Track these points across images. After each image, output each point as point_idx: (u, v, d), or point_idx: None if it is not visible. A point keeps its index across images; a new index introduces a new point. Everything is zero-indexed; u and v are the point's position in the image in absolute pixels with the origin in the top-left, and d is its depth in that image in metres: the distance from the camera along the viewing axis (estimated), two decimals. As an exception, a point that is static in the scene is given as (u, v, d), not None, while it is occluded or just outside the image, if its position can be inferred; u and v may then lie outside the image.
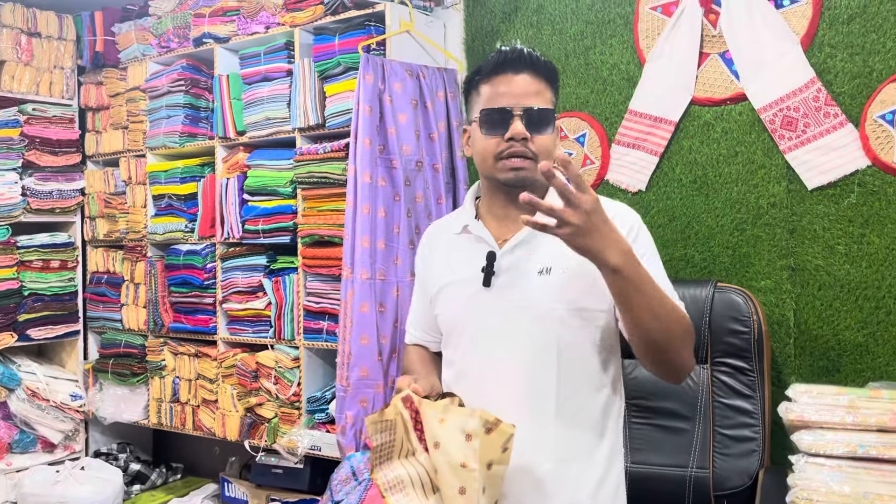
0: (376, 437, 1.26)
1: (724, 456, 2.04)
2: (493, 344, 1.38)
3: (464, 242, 1.47)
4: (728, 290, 2.14)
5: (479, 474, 1.18)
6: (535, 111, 1.34)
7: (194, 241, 3.15)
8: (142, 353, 3.33)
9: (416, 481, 1.26)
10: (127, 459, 3.50)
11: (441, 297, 1.50)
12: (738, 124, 2.28)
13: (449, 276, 1.48)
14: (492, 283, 1.38)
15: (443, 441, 1.22)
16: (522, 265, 1.38)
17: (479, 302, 1.40)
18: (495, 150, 1.36)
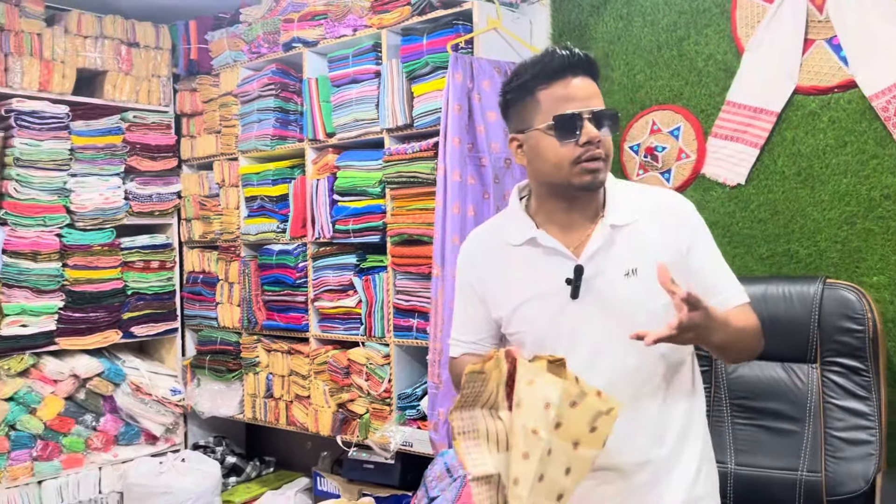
0: (468, 386, 1.21)
1: (838, 459, 1.95)
2: (591, 355, 1.34)
3: (532, 255, 1.40)
4: (838, 287, 2.05)
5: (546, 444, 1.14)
6: (603, 113, 1.33)
7: (286, 241, 3.23)
8: (236, 350, 3.44)
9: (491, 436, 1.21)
10: (223, 452, 3.62)
11: (521, 314, 1.42)
12: (846, 113, 2.18)
13: (526, 293, 1.40)
14: (579, 294, 1.35)
15: (524, 403, 1.18)
16: (607, 271, 1.35)
17: (569, 315, 1.36)
18: (572, 155, 1.32)
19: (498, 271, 1.45)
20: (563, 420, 1.15)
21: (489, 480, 1.19)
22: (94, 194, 3.33)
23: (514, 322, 1.43)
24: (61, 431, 3.22)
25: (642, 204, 1.40)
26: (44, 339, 3.20)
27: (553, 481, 1.15)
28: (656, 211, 1.39)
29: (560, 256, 1.37)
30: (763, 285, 2.15)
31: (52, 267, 3.20)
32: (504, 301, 1.44)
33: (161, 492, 3.17)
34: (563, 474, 1.16)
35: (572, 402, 1.16)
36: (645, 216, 1.38)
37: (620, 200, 1.39)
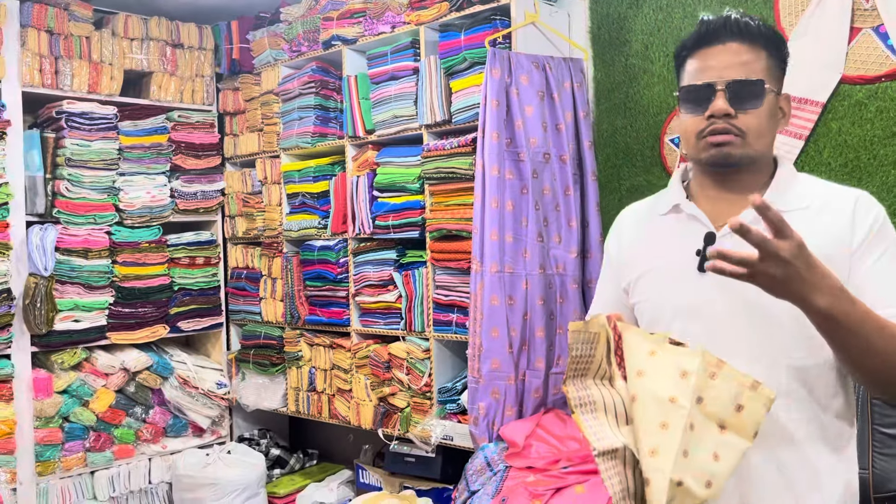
0: (576, 347, 1.12)
1: (886, 456, 1.91)
2: (712, 337, 1.21)
3: (672, 223, 1.32)
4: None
5: (688, 412, 1.03)
6: (739, 84, 1.20)
7: (327, 237, 3.28)
8: (280, 345, 3.50)
9: (609, 408, 1.13)
10: (268, 445, 3.69)
11: (644, 282, 1.34)
12: (894, 102, 2.12)
13: (655, 260, 1.32)
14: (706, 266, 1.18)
15: (649, 372, 1.08)
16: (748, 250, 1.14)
17: (692, 289, 1.25)
18: (696, 128, 1.23)
19: (638, 238, 1.39)
20: (703, 394, 1.06)
21: (615, 455, 1.10)
22: (142, 192, 3.42)
23: (638, 290, 1.36)
24: (113, 423, 3.33)
25: (816, 194, 1.26)
26: (95, 333, 3.31)
27: (700, 463, 1.04)
28: (832, 203, 1.23)
29: (700, 226, 1.27)
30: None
31: (102, 263, 3.30)
32: (634, 266, 1.37)
33: (208, 483, 3.25)
34: (710, 459, 1.05)
35: (712, 372, 1.07)
36: (815, 206, 1.23)
37: (790, 185, 1.26)
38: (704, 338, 1.20)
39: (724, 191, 1.28)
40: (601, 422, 1.12)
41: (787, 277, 1.01)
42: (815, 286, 1.03)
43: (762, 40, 1.23)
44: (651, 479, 1.03)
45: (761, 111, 1.21)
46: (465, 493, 2.41)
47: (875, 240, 1.19)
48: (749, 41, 1.22)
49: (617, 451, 1.10)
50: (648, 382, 1.08)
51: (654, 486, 1.02)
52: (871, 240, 1.19)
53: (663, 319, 1.29)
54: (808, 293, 1.03)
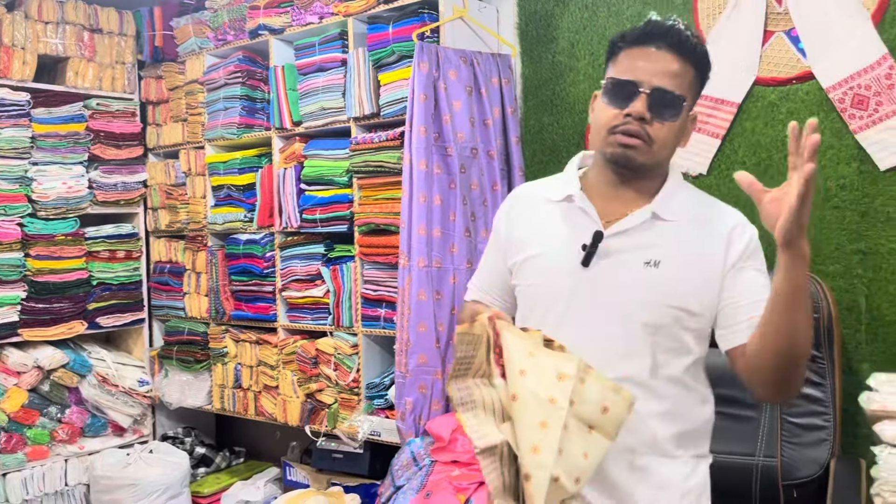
0: (461, 349, 1.17)
1: (793, 445, 1.99)
2: (582, 331, 1.27)
3: (563, 213, 1.35)
4: (795, 276, 2.09)
5: (566, 413, 1.09)
6: (663, 93, 1.23)
7: (253, 230, 3.21)
8: (204, 341, 3.42)
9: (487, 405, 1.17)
10: (192, 443, 3.60)
11: (528, 266, 1.38)
12: (804, 104, 2.21)
13: (541, 246, 1.36)
14: (591, 264, 1.28)
15: (530, 372, 1.13)
16: (629, 252, 1.27)
17: (574, 282, 1.30)
18: (611, 122, 1.26)
19: (527, 221, 1.41)
20: (575, 397, 1.12)
21: (494, 451, 1.14)
22: (57, 183, 3.28)
23: (523, 273, 1.39)
24: (25, 423, 3.18)
25: (699, 210, 1.33)
26: (6, 330, 3.16)
27: (572, 460, 1.11)
28: (711, 220, 1.31)
29: (588, 221, 1.32)
30: (723, 274, 2.18)
31: (14, 257, 3.15)
32: (521, 248, 1.40)
33: (127, 483, 3.15)
34: (581, 457, 1.12)
35: (581, 377, 1.13)
36: (695, 220, 1.30)
37: (675, 196, 1.32)
38: (577, 330, 1.26)
39: (618, 189, 1.32)
40: (481, 420, 1.15)
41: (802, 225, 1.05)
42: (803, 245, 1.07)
43: (694, 58, 1.27)
44: (532, 475, 1.07)
45: (674, 125, 1.26)
46: (391, 488, 2.40)
47: (750, 260, 1.27)
48: (683, 55, 1.26)
49: (495, 448, 1.13)
50: (530, 382, 1.12)
51: (535, 481, 1.07)
52: (745, 259, 1.27)
53: (542, 306, 1.34)
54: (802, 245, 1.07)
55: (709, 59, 1.30)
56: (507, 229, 1.45)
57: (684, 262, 1.25)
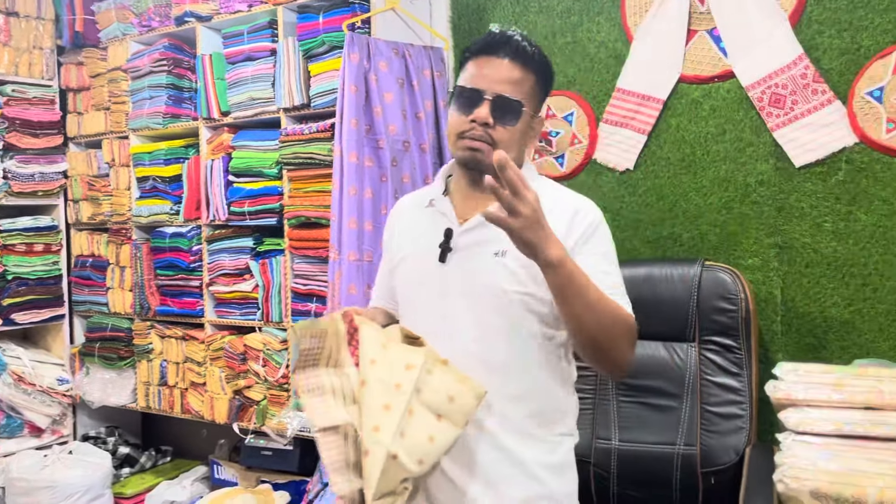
0: (304, 342, 1.26)
1: (712, 433, 2.05)
2: (442, 320, 1.38)
3: (428, 216, 1.47)
4: (716, 269, 2.15)
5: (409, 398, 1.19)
6: (503, 99, 1.33)
7: (180, 223, 3.12)
8: (129, 337, 3.31)
9: (337, 390, 1.27)
10: (115, 443, 3.48)
11: (400, 268, 1.49)
12: (725, 102, 2.27)
13: (409, 249, 1.48)
14: (447, 259, 1.39)
15: (380, 361, 1.24)
16: (480, 245, 1.38)
17: (433, 277, 1.41)
18: (459, 128, 1.36)
19: (403, 227, 1.53)
20: (422, 386, 1.21)
21: (337, 430, 1.22)
22: (-31, 173, 3.12)
23: (397, 274, 1.50)
24: (-67, 425, 3.03)
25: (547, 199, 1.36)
26: (-88, 327, 2.99)
27: (415, 443, 1.19)
28: (557, 209, 1.37)
29: (446, 221, 1.42)
30: (648, 267, 2.22)
31: (-79, 250, 2.99)
32: (396, 253, 1.51)
33: (45, 486, 3.02)
34: (426, 441, 1.20)
35: (429, 369, 1.23)
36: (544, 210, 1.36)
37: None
38: (437, 321, 1.37)
39: (474, 190, 1.41)
40: (328, 404, 1.24)
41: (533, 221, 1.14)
42: (549, 237, 1.17)
43: (534, 65, 1.37)
44: (370, 451, 1.16)
45: (515, 128, 1.35)
46: (319, 484, 2.37)
47: (589, 241, 1.35)
48: (522, 63, 1.36)
49: (339, 427, 1.23)
50: (378, 370, 1.23)
51: (372, 456, 1.16)
52: (585, 241, 1.35)
53: (414, 303, 1.45)
54: (544, 242, 1.16)
55: (550, 68, 1.41)
56: (389, 237, 1.57)
57: None
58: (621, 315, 1.28)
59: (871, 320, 2.08)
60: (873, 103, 2.05)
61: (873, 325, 2.08)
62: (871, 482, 0.99)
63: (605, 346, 1.26)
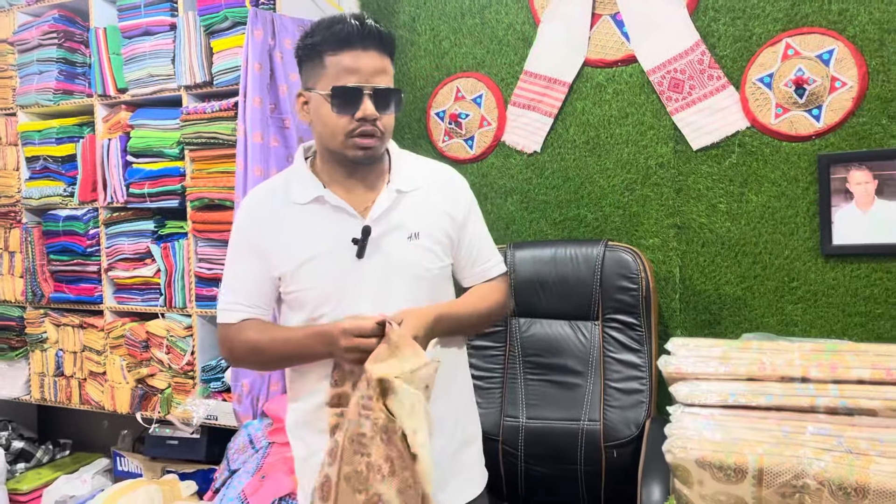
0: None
1: (614, 408, 2.11)
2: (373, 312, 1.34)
3: (318, 213, 1.40)
4: (618, 249, 2.21)
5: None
6: (384, 91, 1.35)
7: (75, 205, 2.96)
8: (20, 326, 3.13)
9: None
10: (9, 437, 3.30)
11: (305, 271, 1.40)
12: (628, 86, 2.32)
13: (312, 250, 1.39)
14: (364, 254, 1.38)
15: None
16: (392, 233, 1.41)
17: (355, 274, 1.38)
18: (346, 128, 1.34)
19: (281, 228, 1.42)
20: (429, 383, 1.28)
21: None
22: None
23: (298, 279, 1.41)
24: None
25: (425, 173, 1.49)
26: None
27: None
28: (438, 181, 1.49)
29: (346, 216, 1.39)
30: (553, 248, 2.26)
31: None
32: (287, 258, 1.41)
33: (-71, 486, 2.84)
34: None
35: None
36: (427, 185, 1.47)
37: (405, 168, 1.47)
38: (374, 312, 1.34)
39: (357, 180, 1.42)
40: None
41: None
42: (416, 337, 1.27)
43: (390, 50, 1.39)
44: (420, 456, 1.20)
45: (394, 115, 1.40)
46: (226, 472, 2.32)
47: (471, 210, 1.51)
48: (385, 51, 1.37)
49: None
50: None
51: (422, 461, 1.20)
52: (469, 211, 1.50)
53: (330, 303, 1.40)
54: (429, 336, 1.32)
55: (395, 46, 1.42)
56: (260, 239, 1.43)
57: (437, 225, 1.44)
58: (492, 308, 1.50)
59: (761, 297, 2.18)
60: (763, 89, 2.14)
61: (763, 301, 2.18)
62: (752, 449, 1.04)
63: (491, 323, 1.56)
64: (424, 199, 1.45)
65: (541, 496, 2.14)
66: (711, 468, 1.05)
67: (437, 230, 1.45)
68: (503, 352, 2.28)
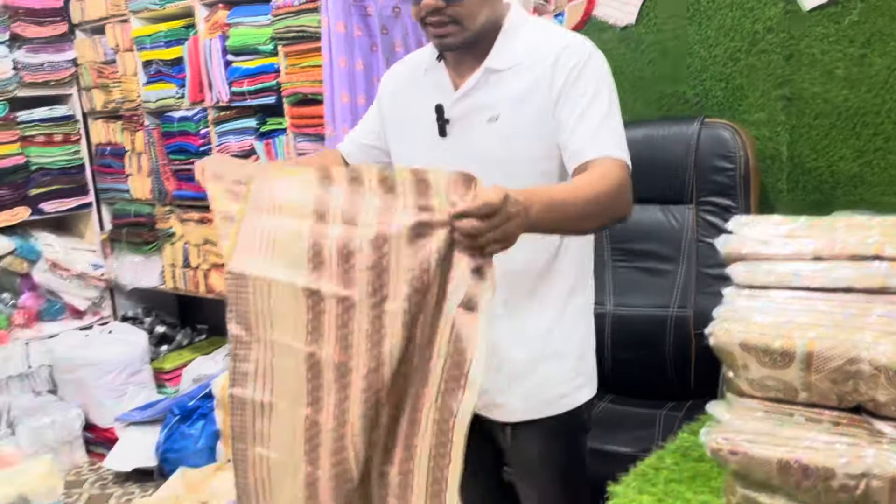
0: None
1: (707, 295, 2.01)
2: None
3: (425, 85, 1.40)
4: (715, 126, 2.03)
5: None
6: None
7: (186, 107, 3.11)
8: (151, 222, 3.40)
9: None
10: (153, 322, 3.67)
11: (399, 138, 1.45)
12: (731, -59, 2.07)
13: (408, 119, 1.42)
14: (447, 131, 1.35)
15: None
16: (473, 113, 1.33)
17: (434, 151, 1.36)
18: (418, 15, 1.29)
19: (401, 92, 1.46)
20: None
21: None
22: (-22, 66, 3.16)
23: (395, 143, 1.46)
24: (-20, 310, 3.23)
25: (533, 47, 1.32)
26: (-53, 219, 3.13)
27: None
28: (542, 55, 1.30)
29: (441, 93, 1.36)
30: (646, 129, 2.12)
31: (-56, 145, 3.08)
32: (393, 122, 1.46)
33: (88, 363, 3.23)
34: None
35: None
36: (528, 61, 1.31)
37: (509, 44, 1.33)
38: None
39: (462, 56, 1.34)
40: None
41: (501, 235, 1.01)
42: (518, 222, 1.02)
43: None
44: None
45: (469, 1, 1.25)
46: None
47: (575, 84, 1.26)
48: None
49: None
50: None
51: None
52: (569, 85, 1.26)
53: None
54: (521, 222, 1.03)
55: None
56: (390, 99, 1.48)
57: (520, 107, 1.29)
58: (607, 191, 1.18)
59: (882, 172, 1.95)
60: (895, -70, 1.83)
61: (883, 177, 1.95)
62: (802, 333, 0.95)
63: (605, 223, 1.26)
64: (517, 78, 1.30)
65: (627, 382, 2.11)
66: (756, 352, 0.98)
67: (521, 114, 1.30)
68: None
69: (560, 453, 1.41)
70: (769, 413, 1.00)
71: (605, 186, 1.18)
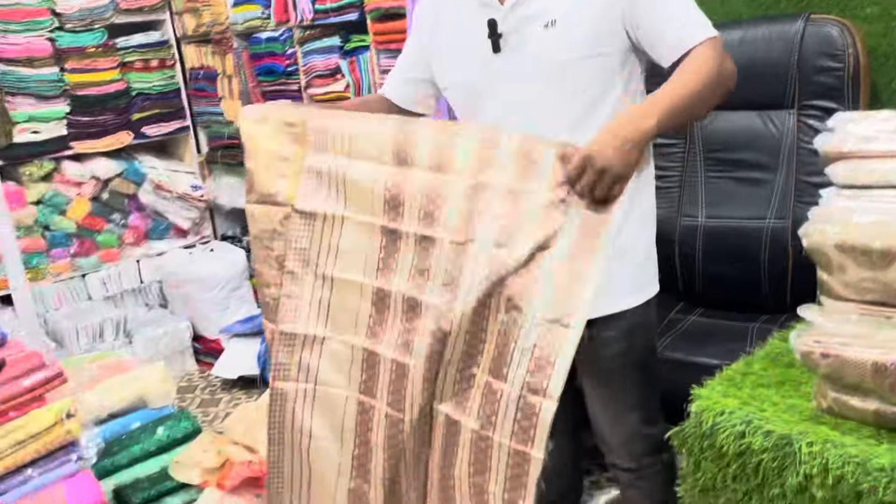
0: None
1: (806, 204, 1.89)
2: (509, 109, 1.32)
3: (470, 4, 1.35)
4: (821, 23, 1.89)
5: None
6: None
7: (272, 27, 3.14)
8: (244, 143, 3.49)
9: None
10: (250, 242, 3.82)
11: (448, 65, 1.41)
12: None
13: (456, 42, 1.39)
14: (500, 46, 1.32)
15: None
16: (528, 22, 1.30)
17: (491, 68, 1.34)
18: None
19: (446, 16, 1.42)
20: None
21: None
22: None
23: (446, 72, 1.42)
24: (94, 230, 3.45)
25: None
26: (58, 144, 3.32)
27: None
28: None
29: (487, 7, 1.33)
30: (743, 29, 1.99)
31: (51, 72, 3.24)
32: (438, 48, 1.43)
33: (193, 279, 3.43)
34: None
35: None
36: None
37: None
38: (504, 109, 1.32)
39: None
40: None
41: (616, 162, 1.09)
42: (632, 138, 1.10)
43: None
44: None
45: None
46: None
47: None
48: None
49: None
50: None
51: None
52: None
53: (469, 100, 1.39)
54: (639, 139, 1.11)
55: None
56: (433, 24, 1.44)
57: (577, 9, 1.27)
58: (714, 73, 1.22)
59: None
60: None
61: None
62: (906, 232, 0.90)
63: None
64: None
65: (719, 295, 2.06)
66: (854, 253, 0.93)
67: (580, 12, 1.27)
68: (683, 149, 2.13)
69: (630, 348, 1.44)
70: (864, 316, 0.96)
71: (710, 68, 1.22)
